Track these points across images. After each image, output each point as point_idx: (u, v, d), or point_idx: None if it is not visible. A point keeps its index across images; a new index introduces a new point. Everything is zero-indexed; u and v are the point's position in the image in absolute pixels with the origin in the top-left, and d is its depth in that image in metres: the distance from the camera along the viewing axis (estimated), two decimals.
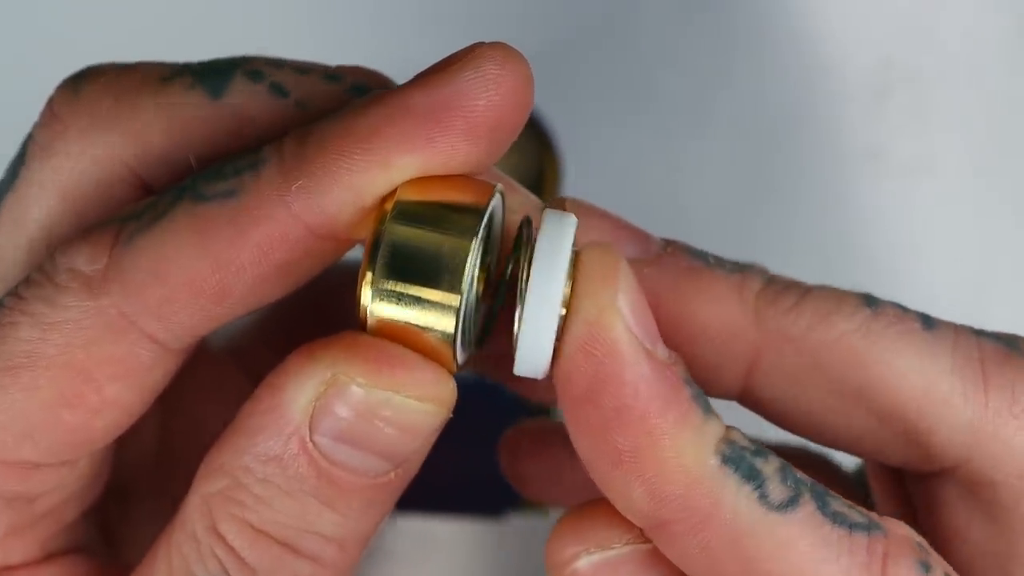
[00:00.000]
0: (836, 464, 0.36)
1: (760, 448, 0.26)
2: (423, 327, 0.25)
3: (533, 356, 0.25)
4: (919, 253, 0.53)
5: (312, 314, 0.35)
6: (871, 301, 0.28)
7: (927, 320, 0.28)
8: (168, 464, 0.34)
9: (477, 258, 0.25)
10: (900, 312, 0.28)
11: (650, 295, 0.28)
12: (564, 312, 0.25)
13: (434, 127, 0.25)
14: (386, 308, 0.25)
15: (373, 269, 0.25)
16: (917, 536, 0.26)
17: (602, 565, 0.26)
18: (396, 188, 0.25)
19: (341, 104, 0.27)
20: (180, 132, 0.28)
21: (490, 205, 0.26)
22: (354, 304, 0.26)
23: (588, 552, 0.26)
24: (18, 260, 0.29)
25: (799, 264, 0.32)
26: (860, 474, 0.36)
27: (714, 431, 0.25)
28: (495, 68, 0.25)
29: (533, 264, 0.25)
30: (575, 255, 0.25)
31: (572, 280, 0.25)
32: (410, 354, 0.26)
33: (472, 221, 0.25)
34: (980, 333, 0.28)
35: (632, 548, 0.26)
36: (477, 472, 0.39)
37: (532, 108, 0.26)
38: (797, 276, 0.29)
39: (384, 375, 0.25)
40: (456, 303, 0.25)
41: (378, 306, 0.25)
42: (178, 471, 0.30)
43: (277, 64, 0.29)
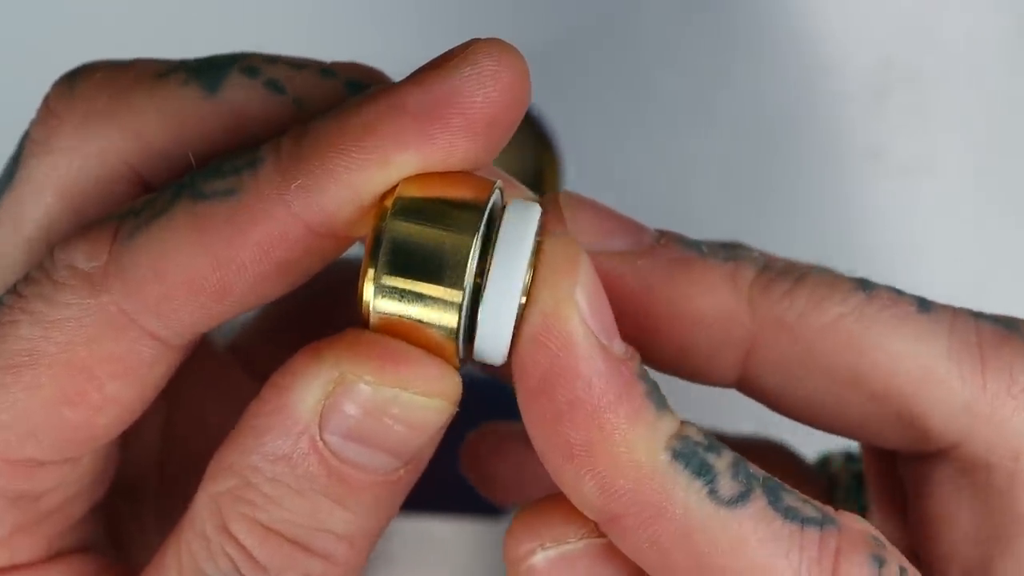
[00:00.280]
0: (798, 455, 0.36)
1: (714, 443, 0.26)
2: (426, 323, 0.25)
3: (492, 342, 0.26)
4: (919, 253, 0.54)
5: (314, 311, 0.35)
6: (866, 285, 0.28)
7: (923, 303, 0.28)
8: (173, 462, 0.35)
9: (478, 253, 0.25)
10: (895, 296, 0.28)
11: (644, 286, 0.28)
12: (524, 301, 0.25)
13: (432, 124, 0.25)
14: (388, 304, 0.25)
15: (375, 266, 0.25)
16: (872, 530, 0.26)
17: (558, 560, 0.26)
18: (396, 185, 0.25)
19: (338, 100, 0.27)
20: (176, 128, 0.28)
21: (490, 201, 0.26)
22: (356, 301, 0.26)
23: (544, 547, 0.26)
24: (17, 259, 0.29)
25: None
26: (822, 464, 0.36)
27: (666, 427, 0.25)
28: (492, 64, 0.25)
29: (494, 252, 0.25)
30: (538, 245, 0.26)
31: (533, 270, 0.25)
32: (414, 350, 0.26)
33: (473, 217, 0.25)
34: (979, 315, 0.28)
35: (587, 543, 0.26)
36: None
37: (530, 103, 0.26)
38: None
39: (390, 372, 0.25)
40: (459, 299, 0.25)
41: (380, 303, 0.25)
42: (183, 468, 0.30)
43: (272, 60, 0.29)
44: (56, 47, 0.42)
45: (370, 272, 0.25)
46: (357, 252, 0.26)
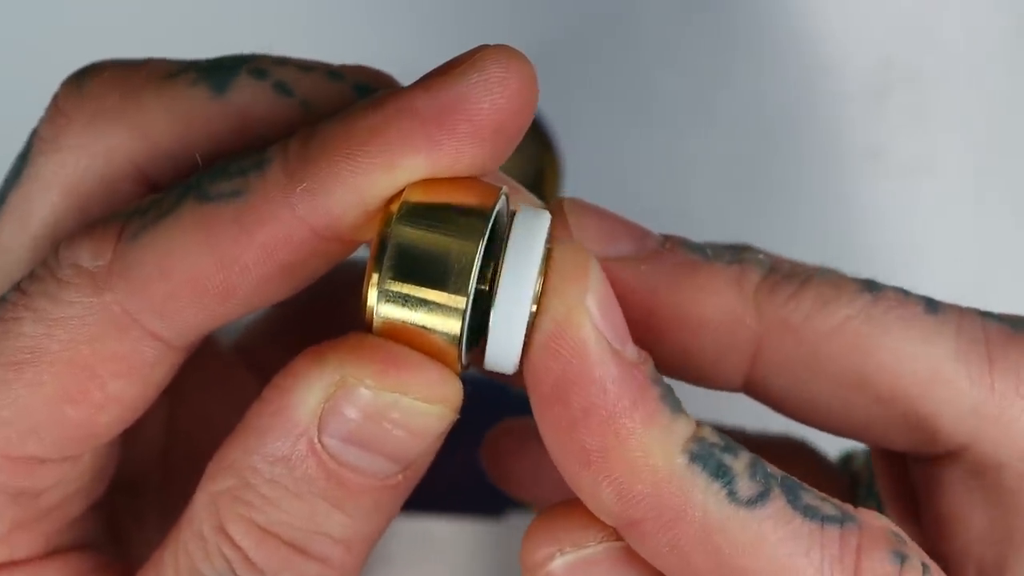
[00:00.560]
0: (820, 453, 0.36)
1: (731, 444, 0.26)
2: (429, 328, 0.25)
3: (502, 351, 0.26)
4: (919, 253, 0.53)
5: (318, 313, 0.35)
6: (872, 286, 0.28)
7: (931, 303, 0.28)
8: (175, 460, 0.35)
9: (482, 260, 0.25)
10: (902, 297, 0.28)
11: (649, 291, 0.28)
12: (535, 309, 0.25)
13: (439, 130, 0.25)
14: (392, 309, 0.25)
15: (379, 270, 0.25)
16: (893, 526, 0.26)
17: (576, 565, 0.26)
18: (402, 190, 0.25)
19: (345, 103, 0.27)
20: (184, 128, 0.28)
21: (496, 207, 0.26)
22: (359, 305, 0.26)
23: (562, 552, 0.26)
24: (23, 256, 0.29)
25: None
26: (845, 462, 0.36)
27: (682, 429, 0.25)
28: (499, 71, 0.25)
29: (504, 260, 0.25)
30: (548, 252, 0.26)
31: (543, 277, 0.25)
32: (416, 355, 0.26)
33: (478, 223, 0.25)
34: (985, 315, 0.28)
35: (606, 547, 0.26)
36: (477, 472, 0.39)
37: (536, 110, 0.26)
38: None
39: (391, 376, 0.25)
40: (462, 305, 0.25)
41: (384, 307, 0.25)
42: (185, 467, 0.30)
43: (281, 62, 0.29)
44: (63, 47, 0.42)
45: (374, 277, 0.25)
46: (364, 254, 0.26)
